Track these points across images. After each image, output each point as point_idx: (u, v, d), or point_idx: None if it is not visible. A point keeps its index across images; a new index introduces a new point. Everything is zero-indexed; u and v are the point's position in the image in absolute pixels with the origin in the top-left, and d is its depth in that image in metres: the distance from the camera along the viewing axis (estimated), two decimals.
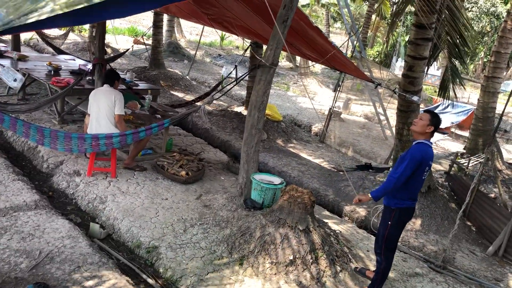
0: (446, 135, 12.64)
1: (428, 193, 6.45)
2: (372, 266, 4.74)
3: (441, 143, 11.64)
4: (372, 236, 5.57)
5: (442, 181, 7.38)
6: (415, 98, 6.23)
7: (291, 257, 4.30)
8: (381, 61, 23.75)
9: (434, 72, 20.04)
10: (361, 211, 6.24)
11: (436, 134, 12.15)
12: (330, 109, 9.89)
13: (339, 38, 31.57)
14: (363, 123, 12.15)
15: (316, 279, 4.24)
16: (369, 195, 3.92)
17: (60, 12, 3.11)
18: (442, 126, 12.30)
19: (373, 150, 9.56)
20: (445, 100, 7.73)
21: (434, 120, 3.83)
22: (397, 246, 4.26)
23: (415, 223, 6.05)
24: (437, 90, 8.48)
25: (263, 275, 4.17)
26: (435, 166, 8.78)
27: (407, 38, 21.32)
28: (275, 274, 4.20)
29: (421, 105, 10.98)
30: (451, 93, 7.56)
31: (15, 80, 3.10)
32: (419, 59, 6.33)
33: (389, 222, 3.95)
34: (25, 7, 3.14)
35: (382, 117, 10.76)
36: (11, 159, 5.96)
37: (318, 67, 20.08)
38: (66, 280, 3.61)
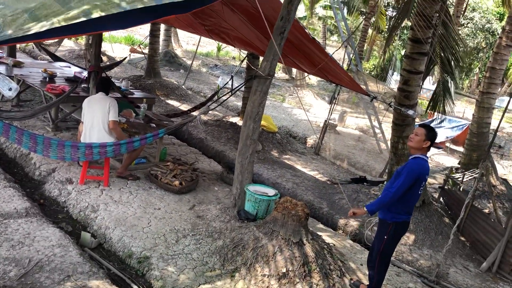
0: (441, 149, 12.69)
1: (422, 208, 6.44)
2: (365, 280, 4.70)
3: (435, 158, 11.67)
4: (366, 249, 5.54)
5: (436, 195, 7.38)
6: (410, 112, 6.25)
7: (284, 270, 4.25)
8: (377, 75, 23.90)
9: (430, 86, 20.18)
10: (355, 224, 6.21)
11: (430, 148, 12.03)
12: (326, 121, 9.90)
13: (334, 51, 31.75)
14: (358, 136, 12.18)
15: None
16: (364, 208, 3.90)
17: (58, 25, 3.11)
18: (437, 140, 12.41)
19: (368, 163, 9.56)
20: (436, 113, 7.77)
21: (430, 135, 3.83)
22: (390, 261, 4.25)
23: (409, 238, 6.02)
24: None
25: (256, 287, 4.12)
26: (429, 181, 8.78)
27: (403, 52, 21.49)
28: (267, 287, 4.15)
29: (416, 119, 11.04)
30: (442, 108, 7.59)
31: (10, 89, 3.09)
32: (415, 73, 6.36)
33: (385, 236, 3.94)
34: (22, 19, 3.14)
35: (377, 130, 10.78)
36: (3, 166, 5.89)
37: (314, 79, 20.16)
38: None
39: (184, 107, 10.89)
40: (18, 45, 12.24)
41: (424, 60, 6.35)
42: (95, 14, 3.20)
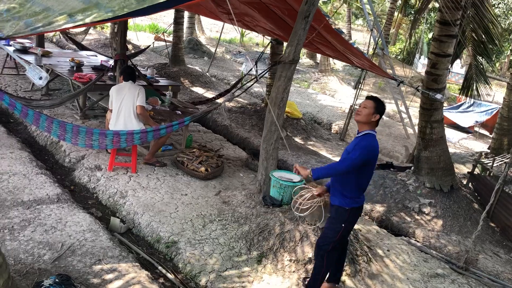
0: (469, 134, 12.41)
1: (450, 193, 6.34)
2: (392, 266, 4.68)
3: (464, 143, 11.43)
4: (392, 235, 5.50)
5: (465, 181, 7.24)
6: (438, 96, 6.12)
7: (310, 255, 4.27)
8: (404, 58, 23.42)
9: (458, 70, 19.69)
10: (381, 210, 6.16)
11: (459, 133, 11.85)
12: (351, 106, 9.79)
13: (360, 35, 31.24)
14: (385, 121, 12.01)
15: None
16: (309, 170, 3.54)
17: (84, 22, 3.17)
18: (465, 125, 12.14)
19: (395, 148, 9.44)
20: (468, 98, 7.56)
21: (380, 108, 3.54)
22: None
23: (437, 223, 5.95)
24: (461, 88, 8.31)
25: (282, 272, 4.15)
26: (458, 166, 8.61)
27: (430, 35, 20.98)
28: (294, 271, 4.17)
29: (445, 104, 10.80)
30: (475, 92, 7.40)
31: (40, 78, 3.15)
32: (443, 56, 6.21)
33: (343, 224, 3.65)
34: (52, 17, 3.20)
35: (404, 115, 10.61)
36: (35, 153, 6.06)
37: (338, 65, 19.91)
38: (87, 273, 3.66)
39: (209, 94, 10.93)
40: (45, 35, 12.47)
41: (452, 42, 6.19)
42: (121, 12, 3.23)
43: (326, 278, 3.93)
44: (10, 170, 5.16)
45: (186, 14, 15.79)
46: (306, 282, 3.99)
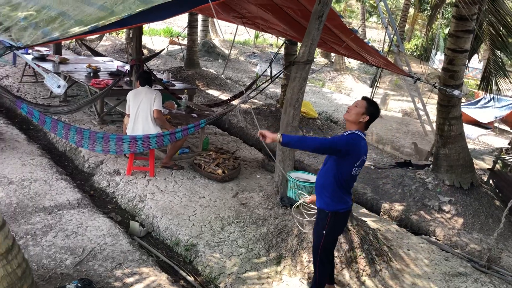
0: (489, 130, 12.20)
1: (470, 191, 6.24)
2: (413, 265, 4.63)
3: (484, 139, 11.24)
4: (412, 234, 5.44)
5: (485, 178, 7.12)
6: (456, 92, 6.04)
7: None
8: (420, 55, 23.16)
9: (476, 65, 19.37)
10: (400, 209, 6.10)
11: (478, 129, 11.66)
12: None
13: (375, 32, 31.00)
14: (402, 119, 11.89)
15: (356, 278, 4.17)
16: (279, 135, 3.21)
17: (93, 27, 3.21)
18: (484, 120, 11.93)
19: (413, 146, 9.32)
20: (487, 93, 7.43)
21: (371, 109, 3.34)
22: (333, 253, 3.83)
23: (457, 221, 5.86)
24: (479, 83, 8.16)
25: (302, 273, 4.14)
26: (477, 163, 8.48)
27: (446, 31, 20.70)
28: (313, 272, 4.15)
29: (463, 100, 10.65)
30: (495, 86, 7.26)
31: (58, 86, 3.20)
32: (460, 52, 6.13)
33: (324, 231, 3.45)
34: (68, 25, 3.26)
35: (421, 113, 10.49)
36: (55, 159, 6.16)
37: (354, 63, 19.78)
38: (108, 277, 3.70)
39: (224, 96, 10.97)
40: (62, 42, 12.66)
41: (469, 37, 6.10)
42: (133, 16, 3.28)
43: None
44: (31, 177, 5.26)
45: (200, 17, 15.88)
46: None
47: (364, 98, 3.45)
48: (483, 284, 4.52)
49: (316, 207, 3.66)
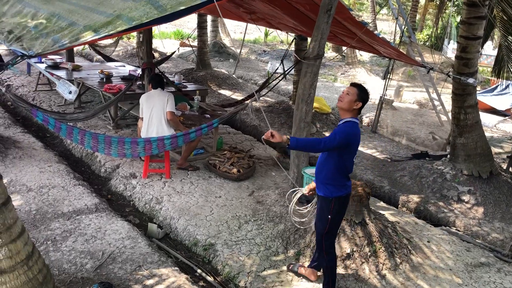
0: (507, 117, 11.98)
1: (490, 179, 6.14)
2: (434, 257, 4.57)
3: (501, 126, 11.05)
4: (431, 226, 5.38)
5: (505, 166, 7.00)
6: (470, 80, 5.94)
7: (348, 251, 4.22)
8: (432, 45, 22.86)
9: (490, 52, 19.04)
10: (418, 201, 6.03)
11: (495, 116, 11.43)
12: (381, 97, 9.62)
13: (386, 24, 30.69)
14: (417, 110, 11.75)
15: (376, 272, 4.14)
16: (287, 138, 3.23)
17: (109, 34, 3.23)
18: (502, 108, 11.72)
19: (429, 137, 9.21)
20: (500, 80, 7.30)
21: (362, 95, 3.39)
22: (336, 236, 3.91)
23: (478, 211, 5.77)
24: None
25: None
26: (495, 150, 8.34)
27: (458, 19, 20.39)
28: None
29: (478, 88, 10.48)
30: (507, 73, 7.13)
31: (70, 92, 3.24)
32: (473, 39, 6.03)
33: (329, 216, 3.53)
34: (77, 31, 3.29)
35: (436, 103, 10.35)
36: (71, 165, 6.24)
37: (365, 56, 19.62)
38: (128, 279, 3.73)
39: (236, 96, 10.98)
40: (75, 49, 12.81)
41: (482, 24, 5.99)
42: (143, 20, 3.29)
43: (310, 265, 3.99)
44: (50, 183, 5.33)
45: (209, 18, 15.91)
46: (290, 267, 4.10)
47: (354, 84, 3.48)
48: (507, 274, 4.44)
49: (315, 196, 3.76)
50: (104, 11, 3.50)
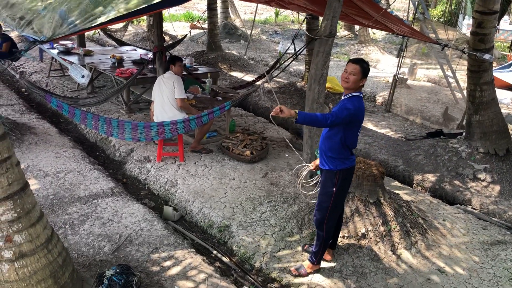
0: None
1: (507, 157, 6.06)
2: (449, 236, 4.56)
3: None
4: (447, 204, 5.34)
5: None
6: (486, 56, 5.82)
7: (363, 231, 4.22)
8: (446, 21, 22.39)
9: (507, 27, 18.59)
10: (433, 180, 5.99)
11: (510, 93, 11.14)
12: (395, 76, 9.50)
13: (399, 0, 30.09)
14: (431, 88, 11.59)
15: (391, 251, 4.14)
16: (296, 112, 3.18)
17: (123, 13, 3.22)
18: None
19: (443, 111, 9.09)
20: None
21: (366, 71, 3.37)
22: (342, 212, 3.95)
23: (494, 189, 5.72)
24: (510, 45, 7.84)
25: (336, 249, 4.13)
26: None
27: None
28: (347, 248, 4.15)
29: (494, 64, 10.26)
30: None
31: (82, 76, 3.26)
32: (489, 13, 5.88)
33: (334, 189, 3.55)
34: (90, 13, 3.28)
35: (451, 80, 10.19)
36: (86, 150, 6.31)
37: (378, 34, 19.32)
38: (145, 261, 3.79)
39: (248, 77, 10.92)
40: (86, 34, 12.82)
41: None
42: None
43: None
44: (65, 168, 5.40)
45: None
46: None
47: (355, 61, 3.41)
48: None
49: (320, 170, 3.76)
50: None
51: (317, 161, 3.84)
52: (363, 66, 3.37)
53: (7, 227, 2.70)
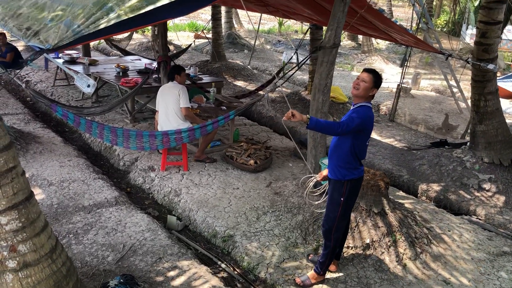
0: None
1: (511, 166, 6.03)
2: (455, 247, 4.52)
3: None
4: (452, 214, 5.31)
5: None
6: (490, 66, 5.82)
7: (368, 241, 4.20)
8: (450, 31, 22.43)
9: (511, 36, 18.59)
10: (438, 189, 5.96)
11: None
12: (399, 85, 9.50)
13: (402, 10, 30.23)
14: (435, 97, 11.58)
15: (396, 262, 4.11)
16: (307, 117, 3.20)
17: (125, 17, 3.23)
18: None
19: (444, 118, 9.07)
20: None
21: (378, 82, 3.41)
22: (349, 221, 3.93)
23: (499, 199, 5.68)
24: None
25: (341, 259, 4.11)
26: None
27: (476, 3, 19.95)
28: (352, 258, 4.12)
29: (498, 74, 10.26)
30: None
31: (88, 86, 3.28)
32: (493, 24, 5.89)
33: (342, 199, 3.55)
34: (93, 16, 3.30)
35: (455, 90, 10.19)
36: (91, 159, 6.32)
37: (382, 44, 19.38)
38: (149, 271, 3.77)
39: (251, 87, 10.95)
40: (91, 44, 12.91)
41: (502, 8, 5.85)
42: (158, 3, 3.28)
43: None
44: (70, 177, 5.41)
45: (223, 9, 15.86)
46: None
47: (369, 71, 3.45)
48: None
49: (327, 180, 3.78)
50: None
51: (324, 172, 3.84)
52: (376, 76, 3.41)
53: (11, 236, 2.70)
